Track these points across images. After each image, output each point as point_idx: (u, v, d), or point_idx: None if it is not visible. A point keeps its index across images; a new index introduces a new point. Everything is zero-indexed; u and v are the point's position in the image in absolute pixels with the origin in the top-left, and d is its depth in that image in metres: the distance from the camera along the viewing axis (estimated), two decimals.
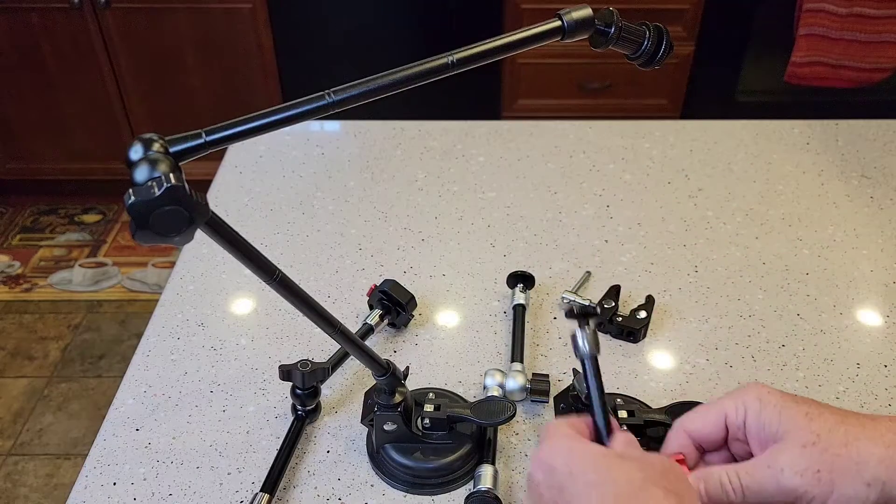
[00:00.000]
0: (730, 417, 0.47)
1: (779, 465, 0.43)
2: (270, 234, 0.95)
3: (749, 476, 0.44)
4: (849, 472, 0.42)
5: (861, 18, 1.90)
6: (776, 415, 0.44)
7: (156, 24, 2.09)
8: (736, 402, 0.47)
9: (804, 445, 0.43)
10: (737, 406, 0.46)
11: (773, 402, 0.45)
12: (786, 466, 0.43)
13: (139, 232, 0.36)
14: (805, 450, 0.43)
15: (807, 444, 0.43)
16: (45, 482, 1.69)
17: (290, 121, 0.42)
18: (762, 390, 0.46)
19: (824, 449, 0.42)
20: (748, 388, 0.47)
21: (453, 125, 1.16)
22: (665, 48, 0.52)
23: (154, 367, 0.76)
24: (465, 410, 0.63)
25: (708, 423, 0.47)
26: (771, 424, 0.44)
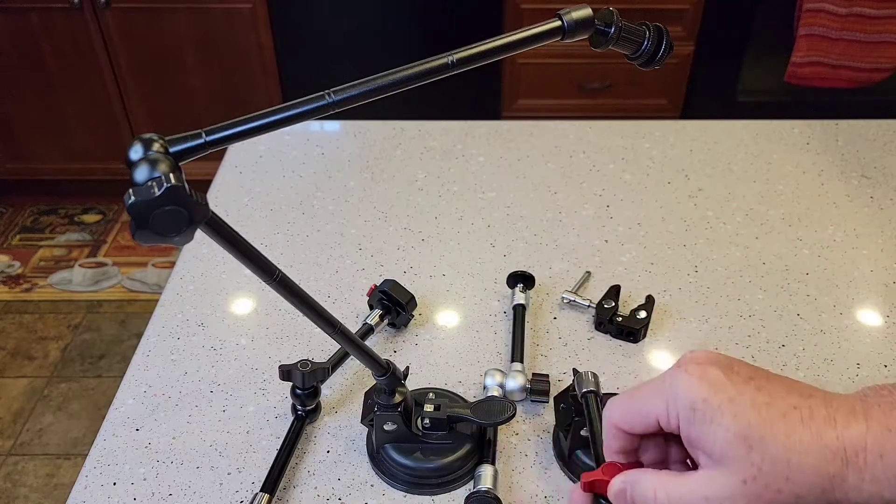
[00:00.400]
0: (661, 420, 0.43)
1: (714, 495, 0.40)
2: (270, 234, 0.95)
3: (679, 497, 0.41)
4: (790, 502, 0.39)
5: (861, 18, 1.90)
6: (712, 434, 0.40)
7: (156, 24, 2.09)
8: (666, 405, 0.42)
9: (744, 481, 0.39)
10: (668, 410, 0.42)
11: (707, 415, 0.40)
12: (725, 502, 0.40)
13: (139, 232, 0.36)
14: (745, 486, 0.39)
15: (747, 479, 0.39)
16: (45, 482, 1.69)
17: (290, 121, 0.41)
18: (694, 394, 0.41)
19: (766, 485, 0.39)
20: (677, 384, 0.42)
21: (453, 125, 1.16)
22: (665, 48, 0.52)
23: (154, 367, 0.76)
24: (465, 410, 0.63)
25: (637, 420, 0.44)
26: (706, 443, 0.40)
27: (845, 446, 0.39)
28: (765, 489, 0.39)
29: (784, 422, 0.40)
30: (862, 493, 0.38)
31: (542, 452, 0.67)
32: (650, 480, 0.43)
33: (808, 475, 0.39)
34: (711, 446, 0.40)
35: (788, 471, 0.39)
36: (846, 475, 0.38)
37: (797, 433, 0.39)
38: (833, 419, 0.40)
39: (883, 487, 0.38)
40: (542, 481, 0.64)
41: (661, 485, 0.42)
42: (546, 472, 0.65)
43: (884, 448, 0.38)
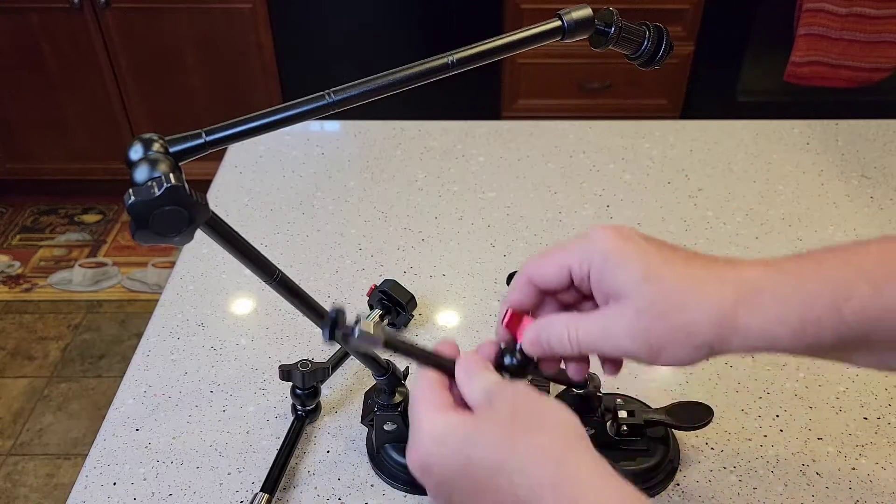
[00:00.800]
0: (574, 270, 0.46)
1: (613, 327, 0.43)
2: (270, 234, 0.95)
3: (585, 333, 0.45)
4: (679, 339, 0.42)
5: (861, 18, 1.90)
6: (617, 274, 0.44)
7: (156, 24, 2.09)
8: (581, 255, 0.45)
9: (638, 310, 0.42)
10: (581, 260, 0.45)
11: (618, 259, 0.44)
12: (619, 329, 0.43)
13: (139, 232, 0.36)
14: (639, 315, 0.42)
15: (641, 309, 0.42)
16: (45, 482, 1.69)
17: (290, 121, 0.42)
18: (610, 243, 0.44)
19: (657, 315, 0.42)
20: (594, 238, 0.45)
21: (453, 125, 1.16)
22: (665, 48, 0.52)
23: (154, 367, 0.76)
24: None
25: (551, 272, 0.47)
26: (611, 283, 0.44)
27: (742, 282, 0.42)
28: (657, 318, 0.42)
29: (685, 264, 0.44)
30: (751, 328, 0.41)
31: None
32: (561, 321, 0.46)
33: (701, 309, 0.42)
34: (616, 286, 0.44)
35: (682, 304, 0.42)
36: (738, 311, 0.41)
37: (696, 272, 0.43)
38: (733, 264, 0.43)
39: (772, 323, 0.41)
40: None
41: (572, 323, 0.46)
42: None
43: (776, 287, 0.42)
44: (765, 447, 0.67)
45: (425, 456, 0.43)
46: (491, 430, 0.41)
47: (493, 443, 0.41)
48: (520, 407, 0.42)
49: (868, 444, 0.67)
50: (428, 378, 0.46)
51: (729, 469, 0.65)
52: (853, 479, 0.64)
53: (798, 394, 0.72)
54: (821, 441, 0.68)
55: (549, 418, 0.42)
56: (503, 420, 0.41)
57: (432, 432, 0.43)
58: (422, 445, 0.43)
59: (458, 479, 0.42)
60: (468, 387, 0.45)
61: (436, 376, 0.46)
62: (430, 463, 0.43)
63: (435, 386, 0.46)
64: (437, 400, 0.45)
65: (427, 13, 2.08)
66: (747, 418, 0.70)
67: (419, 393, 0.46)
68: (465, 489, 0.42)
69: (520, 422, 0.41)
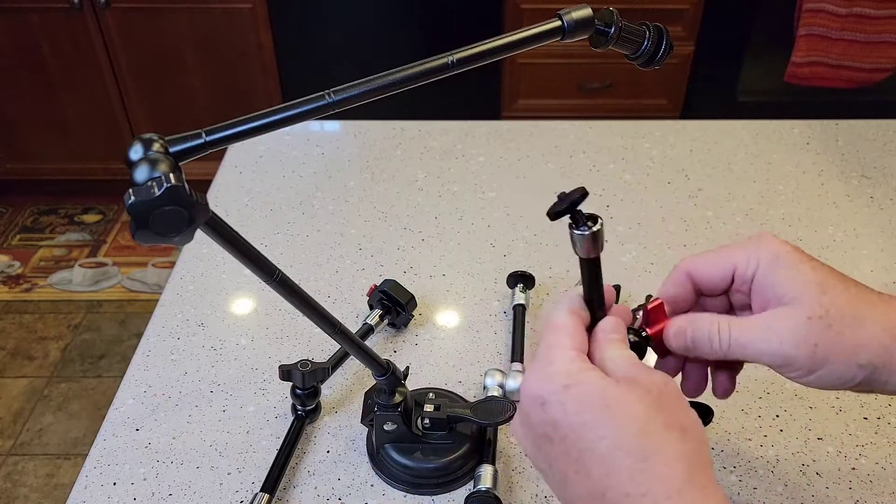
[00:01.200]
0: (739, 268, 0.44)
1: (778, 329, 0.41)
2: (270, 234, 0.95)
3: (742, 332, 0.43)
4: (845, 353, 0.41)
5: (861, 18, 1.90)
6: (790, 278, 0.42)
7: (156, 24, 2.09)
8: (749, 254, 0.44)
9: (810, 317, 0.41)
10: (749, 258, 0.44)
11: (789, 262, 0.42)
12: (785, 333, 0.41)
13: (139, 232, 0.36)
14: (810, 322, 0.41)
15: (813, 316, 0.41)
16: (45, 482, 1.69)
17: (290, 121, 0.41)
18: (780, 247, 0.43)
19: (829, 325, 0.41)
20: (764, 240, 0.44)
21: (453, 125, 1.16)
22: (665, 48, 0.52)
23: (154, 367, 0.76)
24: (465, 410, 0.63)
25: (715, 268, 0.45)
26: (781, 286, 0.42)
27: None
28: (828, 328, 0.41)
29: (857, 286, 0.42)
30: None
31: None
32: (712, 319, 0.44)
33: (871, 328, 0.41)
34: (787, 287, 0.42)
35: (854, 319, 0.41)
36: None
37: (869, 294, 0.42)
38: None
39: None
40: (543, 481, 0.64)
41: (724, 323, 0.44)
42: None
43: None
44: (765, 447, 0.67)
45: (550, 392, 0.39)
46: (634, 406, 0.38)
47: (631, 420, 0.37)
48: (668, 400, 0.39)
49: (868, 444, 0.67)
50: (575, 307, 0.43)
51: (729, 469, 0.65)
52: (853, 479, 0.64)
53: (798, 394, 0.72)
54: (821, 441, 0.68)
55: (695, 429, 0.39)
56: (649, 403, 0.38)
57: (569, 373, 0.39)
58: (550, 379, 0.40)
59: (571, 434, 0.38)
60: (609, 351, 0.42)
61: (582, 311, 0.44)
62: (550, 400, 0.39)
63: (579, 321, 0.43)
64: (579, 339, 0.42)
65: (427, 13, 2.08)
66: (747, 418, 0.70)
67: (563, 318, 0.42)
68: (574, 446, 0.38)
69: (664, 415, 0.38)
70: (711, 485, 0.37)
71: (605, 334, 0.43)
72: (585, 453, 0.38)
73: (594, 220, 0.42)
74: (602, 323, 0.44)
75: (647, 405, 0.38)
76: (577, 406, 0.38)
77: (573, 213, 0.41)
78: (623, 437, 0.37)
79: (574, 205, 0.41)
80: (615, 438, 0.37)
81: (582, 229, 0.42)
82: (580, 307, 0.44)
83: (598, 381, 0.39)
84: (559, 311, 0.43)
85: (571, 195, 0.41)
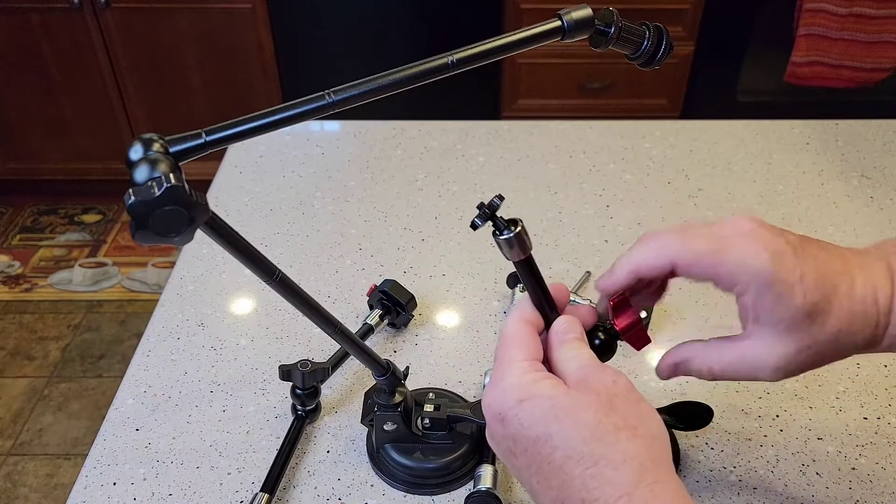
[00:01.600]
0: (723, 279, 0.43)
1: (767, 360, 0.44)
2: (270, 234, 0.95)
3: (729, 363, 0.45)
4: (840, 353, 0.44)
5: (861, 18, 1.90)
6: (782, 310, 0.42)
7: (156, 23, 2.09)
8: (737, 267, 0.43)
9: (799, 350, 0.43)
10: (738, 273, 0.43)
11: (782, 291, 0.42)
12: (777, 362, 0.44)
13: (139, 232, 0.36)
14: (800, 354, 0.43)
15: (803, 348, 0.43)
16: (45, 482, 1.69)
17: (290, 121, 0.41)
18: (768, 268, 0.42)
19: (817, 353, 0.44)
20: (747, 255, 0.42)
21: (453, 125, 1.16)
22: (665, 48, 0.52)
23: (154, 367, 0.76)
24: (465, 410, 0.63)
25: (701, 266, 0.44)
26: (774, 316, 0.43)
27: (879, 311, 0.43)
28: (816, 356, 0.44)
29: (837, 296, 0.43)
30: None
31: None
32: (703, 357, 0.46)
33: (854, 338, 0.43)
34: (779, 318, 0.43)
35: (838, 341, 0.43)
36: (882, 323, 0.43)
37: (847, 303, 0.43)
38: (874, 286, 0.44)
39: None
40: None
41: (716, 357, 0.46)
42: None
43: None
44: (765, 447, 0.67)
45: (506, 408, 0.41)
46: (582, 413, 0.39)
47: (579, 428, 0.39)
48: (618, 400, 0.40)
49: (868, 444, 0.67)
50: (525, 314, 0.44)
51: (729, 469, 0.65)
52: (853, 479, 0.64)
53: (798, 394, 0.72)
54: (821, 441, 0.68)
55: (645, 424, 0.40)
56: (597, 407, 0.39)
57: (521, 386, 0.41)
58: (505, 395, 0.41)
59: (529, 447, 0.40)
60: (561, 353, 0.43)
61: (533, 316, 0.44)
62: (507, 416, 0.41)
63: (531, 328, 0.44)
64: (531, 348, 0.43)
65: (427, 13, 2.08)
66: (747, 418, 0.70)
67: (513, 327, 0.44)
68: (534, 459, 0.40)
69: (614, 416, 0.39)
70: (664, 478, 0.38)
71: (557, 336, 0.44)
72: (543, 465, 0.39)
73: (514, 224, 0.43)
74: (554, 325, 0.45)
75: (595, 410, 0.39)
76: (531, 420, 0.40)
77: (494, 220, 0.43)
78: (573, 446, 0.39)
79: (493, 212, 0.43)
80: (566, 448, 0.39)
81: (505, 233, 0.43)
82: (531, 312, 0.45)
83: (549, 391, 0.40)
84: (509, 322, 0.45)
85: (490, 204, 0.43)
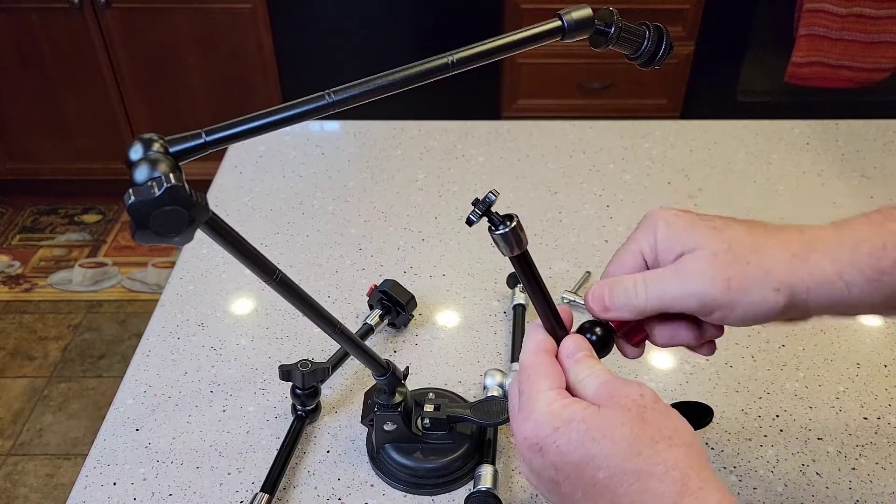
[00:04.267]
0: (645, 251, 0.46)
1: (689, 272, 0.43)
2: (270, 234, 0.95)
3: (657, 283, 0.45)
4: (758, 279, 0.42)
5: (861, 18, 1.90)
6: (686, 231, 0.44)
7: (156, 23, 2.09)
8: (646, 234, 0.46)
9: (715, 254, 0.43)
10: (647, 236, 0.46)
11: (680, 222, 0.45)
12: (696, 274, 0.43)
13: (139, 232, 0.36)
14: (716, 258, 0.43)
15: (718, 252, 0.43)
16: (45, 482, 1.69)
17: (290, 121, 0.41)
18: (667, 213, 0.46)
19: (734, 258, 0.43)
20: (653, 215, 0.46)
21: (453, 125, 1.16)
22: (665, 48, 0.52)
23: (154, 367, 0.76)
24: (465, 410, 0.63)
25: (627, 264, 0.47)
26: (681, 241, 0.44)
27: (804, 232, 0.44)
28: (734, 260, 0.43)
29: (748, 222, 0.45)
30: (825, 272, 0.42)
31: None
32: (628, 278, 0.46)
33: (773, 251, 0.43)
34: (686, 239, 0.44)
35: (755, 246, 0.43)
36: (807, 255, 0.43)
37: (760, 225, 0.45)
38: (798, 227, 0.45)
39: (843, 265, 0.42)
40: None
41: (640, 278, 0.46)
42: None
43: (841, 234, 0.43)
44: (765, 447, 0.67)
45: (543, 436, 0.41)
46: (617, 431, 0.40)
47: (617, 445, 0.39)
48: (648, 412, 0.41)
49: (868, 444, 0.67)
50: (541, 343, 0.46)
51: (729, 469, 0.65)
52: (853, 479, 0.64)
53: (798, 394, 0.72)
54: (821, 441, 0.68)
55: (678, 434, 0.40)
56: (631, 423, 0.40)
57: (553, 414, 0.41)
58: (539, 426, 0.42)
59: (572, 473, 0.40)
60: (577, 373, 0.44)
61: (548, 344, 0.46)
62: (545, 445, 0.41)
63: (550, 357, 0.45)
64: (554, 376, 0.44)
65: (427, 13, 2.08)
66: (747, 418, 0.70)
67: (534, 360, 0.45)
68: (579, 483, 0.40)
69: (649, 430, 0.40)
70: (707, 484, 0.39)
71: (569, 359, 0.45)
72: (589, 487, 0.40)
73: (510, 219, 0.44)
74: (562, 348, 0.46)
75: (630, 426, 0.40)
76: (569, 445, 0.40)
77: (489, 216, 0.44)
78: (616, 464, 0.39)
79: (488, 208, 0.43)
80: (608, 468, 0.39)
81: (501, 229, 0.44)
82: (546, 340, 0.46)
83: (581, 414, 0.41)
84: (528, 354, 0.46)
85: (484, 200, 0.43)
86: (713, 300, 0.43)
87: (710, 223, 0.45)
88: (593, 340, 0.48)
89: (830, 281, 0.42)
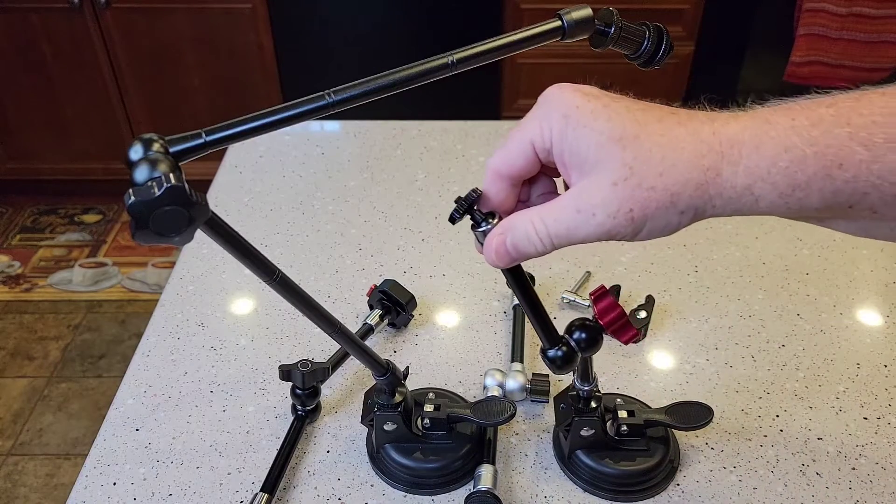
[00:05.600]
0: (536, 143, 0.41)
1: (589, 208, 0.39)
2: (270, 234, 0.95)
3: (557, 223, 0.40)
4: (662, 206, 0.38)
5: (861, 18, 1.90)
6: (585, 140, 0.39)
7: (155, 23, 2.09)
8: (540, 122, 0.41)
9: (615, 183, 0.38)
10: (541, 127, 0.41)
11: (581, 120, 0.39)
12: (597, 208, 0.39)
13: (139, 232, 0.36)
14: (617, 188, 0.38)
15: (618, 180, 0.38)
16: (45, 482, 1.69)
17: (290, 121, 0.41)
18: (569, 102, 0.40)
19: (637, 184, 0.38)
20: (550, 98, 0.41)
21: (453, 125, 1.16)
22: (665, 48, 0.52)
23: (154, 367, 0.76)
24: (465, 410, 0.63)
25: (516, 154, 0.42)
26: (578, 152, 0.39)
27: (721, 140, 0.38)
28: (637, 188, 0.38)
29: (660, 123, 0.39)
30: (736, 187, 0.38)
31: (542, 452, 0.67)
32: (524, 218, 0.42)
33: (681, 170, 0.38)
34: (585, 153, 0.39)
35: (662, 166, 0.38)
36: (721, 168, 0.38)
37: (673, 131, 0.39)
38: (712, 119, 0.39)
39: (755, 180, 0.38)
40: (542, 481, 0.64)
41: (536, 215, 0.41)
42: (546, 472, 0.65)
43: (761, 139, 0.38)
44: (765, 447, 0.67)
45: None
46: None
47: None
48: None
49: (868, 444, 0.67)
50: None
51: (729, 469, 0.65)
52: (853, 479, 0.64)
53: (798, 394, 0.72)
54: (821, 441, 0.68)
55: None
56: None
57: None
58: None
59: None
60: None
61: None
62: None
63: None
64: None
65: (427, 13, 2.08)
66: (747, 418, 0.70)
67: None
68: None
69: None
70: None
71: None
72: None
73: (493, 216, 0.43)
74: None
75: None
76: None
77: (471, 213, 0.43)
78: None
79: (470, 205, 0.43)
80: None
81: (483, 226, 0.44)
82: None
83: None
84: None
85: (467, 197, 0.43)
86: (616, 232, 0.39)
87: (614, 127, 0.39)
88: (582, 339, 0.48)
89: (739, 196, 0.38)
